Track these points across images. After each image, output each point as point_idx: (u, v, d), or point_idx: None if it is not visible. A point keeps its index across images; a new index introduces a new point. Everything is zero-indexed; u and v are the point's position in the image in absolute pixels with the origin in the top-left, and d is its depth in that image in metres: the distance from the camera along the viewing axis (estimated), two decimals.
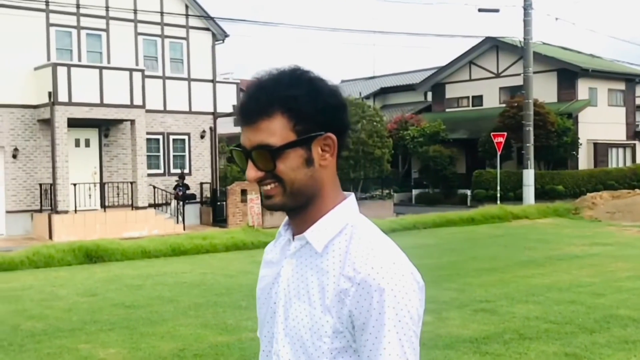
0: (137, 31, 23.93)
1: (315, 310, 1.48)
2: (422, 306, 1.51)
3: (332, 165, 1.55)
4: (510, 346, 7.01)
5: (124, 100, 21.79)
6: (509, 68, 35.65)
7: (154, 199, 23.42)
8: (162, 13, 24.29)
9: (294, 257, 1.56)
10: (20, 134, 21.62)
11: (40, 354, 7.13)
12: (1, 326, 8.47)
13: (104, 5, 23.02)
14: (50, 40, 22.10)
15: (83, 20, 22.70)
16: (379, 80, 45.51)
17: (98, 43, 23.14)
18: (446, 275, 11.79)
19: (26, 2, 21.27)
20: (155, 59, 24.44)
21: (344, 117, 1.56)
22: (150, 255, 15.24)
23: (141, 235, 19.74)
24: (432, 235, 18.80)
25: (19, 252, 14.40)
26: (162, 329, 8.11)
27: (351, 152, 28.10)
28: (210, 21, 25.54)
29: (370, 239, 1.50)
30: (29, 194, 21.81)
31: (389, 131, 31.32)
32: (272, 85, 1.49)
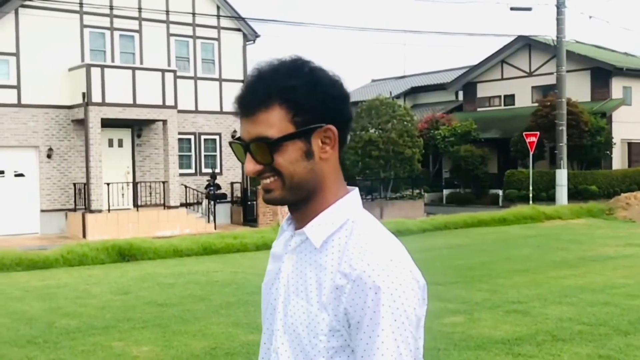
0: (169, 32, 24.16)
1: (312, 307, 1.44)
2: (422, 306, 1.45)
3: (334, 159, 1.50)
4: (542, 348, 6.94)
5: (157, 100, 22.01)
6: (541, 67, 35.27)
7: (186, 198, 23.62)
8: (193, 14, 24.49)
9: (294, 252, 1.53)
10: (55, 134, 21.96)
11: (74, 351, 7.24)
12: (36, 323, 8.62)
13: (136, 6, 23.28)
14: (84, 42, 22.41)
15: (116, 22, 22.98)
16: (410, 80, 45.33)
17: (131, 44, 23.41)
18: (478, 276, 11.71)
19: (60, 3, 21.60)
20: (187, 59, 24.64)
21: (345, 108, 1.51)
22: (182, 254, 15.37)
23: (173, 234, 19.93)
24: (464, 235, 18.68)
25: (54, 250, 14.63)
26: (194, 327, 8.18)
27: (381, 151, 28.05)
28: (241, 22, 25.69)
29: (370, 235, 1.45)
30: (63, 193, 22.14)
31: (419, 131, 31.18)
32: (270, 76, 1.45)
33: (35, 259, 13.87)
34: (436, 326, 7.90)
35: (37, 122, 21.63)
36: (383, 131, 28.56)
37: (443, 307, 9.05)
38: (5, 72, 21.20)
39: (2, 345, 7.51)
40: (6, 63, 21.22)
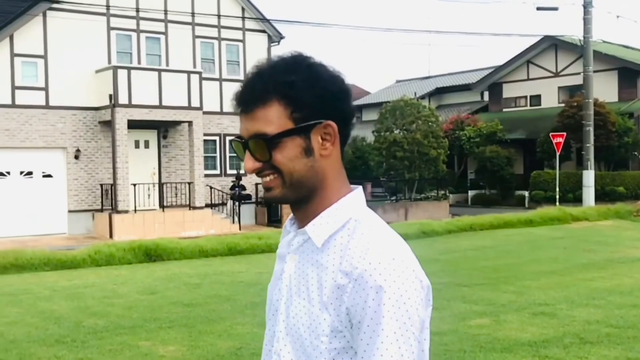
0: (195, 34, 24.32)
1: (314, 308, 1.40)
2: (426, 308, 1.40)
3: (335, 156, 1.46)
4: (570, 350, 6.88)
5: (182, 102, 22.17)
6: (568, 67, 34.93)
7: (211, 199, 23.75)
8: (219, 16, 24.62)
9: (297, 252, 1.49)
10: (82, 135, 22.21)
11: (102, 350, 7.31)
12: (64, 323, 8.72)
13: (162, 8, 23.47)
14: (111, 44, 22.65)
15: (142, 24, 23.19)
16: (435, 80, 45.15)
17: (157, 46, 23.61)
18: (503, 277, 11.63)
19: (88, 6, 21.85)
20: (212, 61, 24.79)
21: (346, 104, 1.47)
22: (207, 255, 15.46)
23: (198, 235, 20.05)
24: (489, 237, 18.55)
25: (81, 250, 14.79)
26: (220, 327, 8.23)
27: (406, 152, 27.97)
28: (266, 23, 25.78)
29: (373, 234, 1.41)
30: (91, 194, 22.38)
31: (444, 131, 31.04)
32: (268, 72, 1.42)
33: (63, 259, 14.03)
34: (462, 328, 7.87)
35: (64, 123, 21.89)
36: (408, 132, 28.48)
37: (469, 308, 9.00)
38: (33, 74, 21.49)
39: (31, 344, 7.61)
40: (34, 65, 21.51)
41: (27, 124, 21.31)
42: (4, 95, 20.98)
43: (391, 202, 27.96)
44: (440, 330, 7.76)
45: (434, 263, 13.82)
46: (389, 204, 27.54)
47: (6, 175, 21.40)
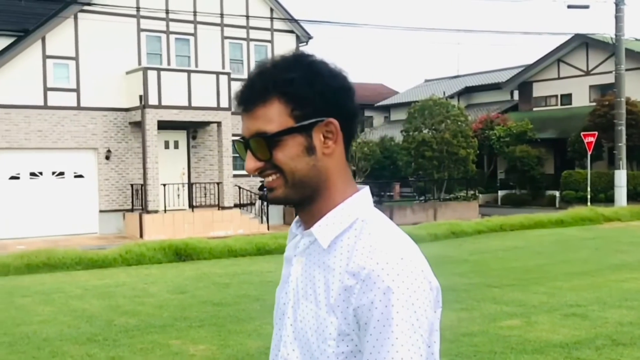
0: (224, 35, 24.46)
1: (321, 311, 1.37)
2: (436, 310, 1.37)
3: (339, 155, 1.43)
4: (602, 352, 6.79)
5: (211, 102, 22.31)
6: (599, 65, 34.47)
7: (239, 199, 23.86)
8: (247, 17, 24.73)
9: (303, 254, 1.46)
10: (113, 136, 22.46)
11: (133, 349, 7.38)
12: (96, 321, 8.82)
13: (191, 10, 23.64)
14: (141, 45, 22.87)
15: (172, 25, 23.38)
16: (464, 80, 44.86)
17: (186, 47, 23.78)
18: (534, 278, 11.52)
19: (118, 8, 22.08)
20: (241, 62, 24.90)
21: (348, 101, 1.43)
22: (236, 254, 15.53)
23: (227, 235, 20.15)
24: (520, 237, 18.38)
25: (112, 250, 14.95)
26: (249, 326, 8.26)
27: (435, 152, 27.84)
28: (295, 23, 25.83)
29: (380, 234, 1.37)
30: (121, 194, 22.62)
31: (474, 131, 30.82)
32: (269, 71, 1.40)
33: (95, 258, 14.20)
34: (492, 329, 7.81)
35: (96, 124, 22.15)
36: (437, 131, 28.34)
37: (499, 309, 8.94)
38: (65, 75, 21.78)
39: (64, 343, 7.71)
40: (66, 67, 21.80)
41: (59, 125, 21.60)
42: (37, 96, 21.29)
43: (420, 202, 27.84)
44: (470, 332, 7.71)
45: (464, 263, 13.73)
46: (417, 204, 27.43)
47: (39, 176, 21.71)
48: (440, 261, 14.19)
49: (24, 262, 13.56)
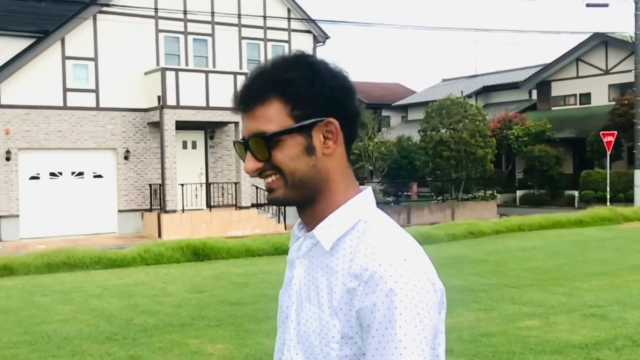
0: (241, 35, 24.53)
1: (324, 314, 1.35)
2: (440, 312, 1.35)
3: (340, 155, 1.41)
4: (622, 353, 6.74)
5: (229, 103, 22.09)
6: (618, 64, 34.18)
7: (257, 199, 23.92)
8: (264, 17, 24.78)
9: (306, 257, 1.44)
10: (132, 136, 22.60)
11: (152, 347, 7.43)
12: (115, 320, 8.88)
13: (209, 10, 23.73)
14: (159, 46, 23.00)
15: (190, 26, 23.49)
16: (481, 79, 44.67)
17: (204, 48, 23.88)
18: (553, 278, 11.44)
19: (137, 9, 22.22)
20: (258, 62, 24.72)
21: (349, 101, 1.42)
22: (253, 254, 15.57)
23: (244, 234, 20.21)
24: (538, 237, 18.27)
25: (131, 249, 15.05)
26: (267, 326, 8.27)
27: (453, 152, 27.74)
28: (312, 23, 25.85)
29: (383, 235, 1.35)
30: (140, 194, 22.76)
31: (492, 130, 30.68)
32: (268, 70, 1.40)
33: (114, 258, 14.30)
34: (511, 329, 7.77)
35: (114, 124, 22.31)
36: (454, 131, 28.25)
37: (518, 310, 8.89)
38: (84, 76, 21.95)
39: (83, 341, 7.77)
40: (85, 68, 21.96)
41: (78, 126, 21.78)
42: (56, 97, 21.47)
43: (437, 202, 27.76)
44: (488, 332, 7.69)
45: (482, 264, 13.67)
46: (435, 204, 27.35)
47: (58, 176, 21.90)
48: (458, 261, 14.14)
49: (44, 261, 13.68)
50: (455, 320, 8.35)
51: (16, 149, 20.95)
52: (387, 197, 26.64)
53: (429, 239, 17.93)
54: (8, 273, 13.18)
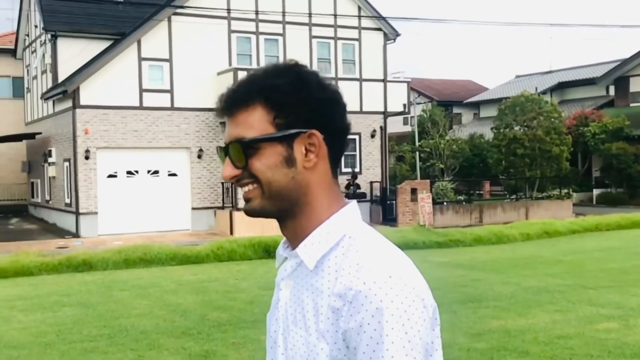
0: (312, 34, 24.64)
1: (311, 337, 1.29)
2: (432, 329, 1.26)
3: (322, 169, 1.34)
4: None
5: None
6: None
7: None
8: (335, 15, 24.83)
9: (291, 277, 1.38)
10: (205, 135, 23.02)
11: (226, 343, 7.55)
12: (190, 315, 9.08)
13: (281, 10, 23.94)
14: (231, 46, 23.34)
15: (261, 26, 23.75)
16: (557, 75, 43.58)
17: (275, 47, 24.10)
18: (632, 280, 11.09)
19: (210, 10, 22.61)
20: (329, 60, 25.03)
21: (336, 115, 1.36)
22: None
23: None
24: (616, 237, 17.73)
25: (205, 246, 15.35)
26: None
27: (527, 149, 27.21)
28: (382, 21, 25.74)
29: (368, 250, 1.28)
30: (212, 192, 23.17)
31: (567, 128, 29.92)
32: (256, 76, 1.35)
33: (188, 254, 14.62)
34: (589, 332, 7.57)
35: (188, 124, 22.77)
36: (528, 128, 27.70)
37: (595, 312, 8.66)
38: (159, 77, 22.47)
39: (160, 336, 7.97)
40: (160, 69, 22.49)
41: (153, 125, 22.32)
42: (133, 97, 22.06)
43: (511, 201, 27.24)
44: (565, 334, 7.51)
45: (558, 264, 13.36)
46: (508, 203, 26.84)
47: (135, 174, 22.51)
48: (533, 261, 13.86)
49: (122, 257, 14.10)
50: (531, 322, 8.20)
51: (95, 148, 21.63)
52: (458, 196, 26.31)
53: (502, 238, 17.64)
54: (87, 268, 13.64)
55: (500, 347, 7.06)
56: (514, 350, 6.92)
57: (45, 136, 25.58)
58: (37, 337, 8.06)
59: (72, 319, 9.06)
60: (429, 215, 21.19)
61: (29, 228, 24.28)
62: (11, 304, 10.27)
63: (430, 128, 32.86)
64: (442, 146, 31.11)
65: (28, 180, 29.85)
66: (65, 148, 22.85)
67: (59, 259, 13.87)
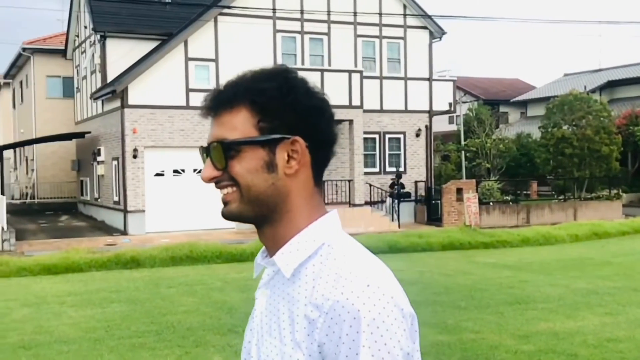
0: (357, 33, 24.61)
1: (286, 347, 1.25)
2: (411, 339, 1.23)
3: (304, 178, 1.32)
4: None
5: (343, 101, 22.52)
6: None
7: (370, 196, 23.95)
8: (380, 14, 24.75)
9: (267, 286, 1.35)
10: None
11: None
12: (236, 313, 9.15)
13: (325, 9, 23.96)
14: (276, 46, 23.45)
15: (306, 25, 23.81)
16: (606, 73, 42.69)
17: (319, 46, 24.14)
18: None
19: (255, 10, 22.76)
20: (373, 59, 24.97)
21: (322, 124, 1.33)
22: None
23: (357, 232, 20.27)
24: None
25: (250, 244, 15.46)
26: None
27: (576, 149, 26.74)
28: (428, 19, 25.57)
29: (346, 260, 1.25)
30: None
31: (617, 127, 29.29)
32: (243, 78, 1.34)
33: (234, 252, 14.75)
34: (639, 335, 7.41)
35: None
36: (577, 128, 27.22)
37: None
38: (205, 77, 22.70)
39: (206, 332, 8.06)
40: (207, 68, 22.71)
41: (200, 125, 22.54)
42: (180, 97, 22.33)
43: (559, 202, 26.79)
44: (615, 337, 7.36)
45: (607, 266, 13.10)
46: (556, 203, 26.40)
47: (181, 173, 22.78)
48: (582, 263, 13.62)
49: (169, 254, 14.30)
50: (580, 324, 8.06)
51: (142, 147, 21.96)
52: (505, 196, 25.98)
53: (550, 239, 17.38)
54: (135, 265, 13.87)
55: (548, 350, 6.96)
56: (562, 353, 6.80)
57: (94, 135, 26.09)
58: (86, 333, 8.23)
59: (121, 315, 9.22)
60: (475, 215, 20.95)
61: (79, 225, 24.79)
62: (62, 299, 10.51)
63: (477, 127, 32.53)
64: (489, 145, 30.77)
65: (77, 178, 30.47)
66: (113, 147, 23.27)
67: (107, 256, 14.14)
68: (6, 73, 37.37)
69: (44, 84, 32.08)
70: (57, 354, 7.37)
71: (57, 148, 31.36)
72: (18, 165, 37.51)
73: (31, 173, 33.13)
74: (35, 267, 13.47)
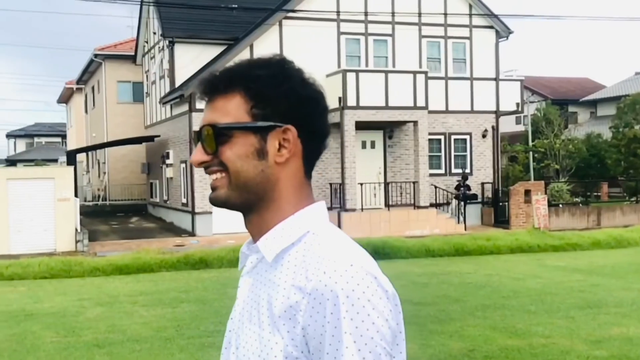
0: (421, 34, 24.45)
1: (264, 332, 1.23)
2: (395, 319, 1.21)
3: (294, 167, 1.32)
4: None
5: (408, 102, 22.40)
6: None
7: (435, 198, 23.74)
8: (445, 14, 24.53)
9: (251, 274, 1.34)
10: None
11: None
12: None
13: (390, 11, 23.89)
14: (340, 48, 23.51)
15: (370, 27, 23.79)
16: None
17: (384, 48, 24.09)
18: None
19: (320, 13, 22.88)
20: (438, 60, 24.76)
21: (315, 115, 1.33)
22: (433, 254, 15.49)
23: (422, 234, 20.14)
24: None
25: None
26: (450, 327, 8.21)
27: None
28: (494, 19, 25.21)
29: (330, 244, 1.24)
30: (321, 193, 23.40)
31: None
32: (239, 65, 1.34)
33: None
34: None
35: None
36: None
37: None
38: None
39: None
40: None
41: None
42: None
43: (631, 204, 25.99)
44: None
45: None
46: (628, 205, 25.63)
47: None
48: None
49: (236, 255, 14.48)
50: None
51: None
52: (575, 198, 25.37)
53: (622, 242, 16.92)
54: (204, 266, 14.14)
55: (621, 355, 6.78)
56: (637, 359, 6.62)
57: (163, 139, 26.68)
58: (157, 332, 8.43)
59: (190, 314, 9.41)
60: (544, 217, 20.52)
61: (148, 226, 25.40)
62: (134, 299, 10.80)
63: (545, 127, 31.88)
64: (557, 146, 30.10)
65: (147, 180, 31.22)
66: (182, 150, 23.75)
67: (177, 257, 14.45)
68: (79, 79, 38.57)
69: (115, 89, 32.97)
70: (129, 352, 7.57)
71: (127, 151, 32.21)
72: (90, 168, 38.67)
73: (103, 176, 34.11)
74: (108, 267, 13.88)
